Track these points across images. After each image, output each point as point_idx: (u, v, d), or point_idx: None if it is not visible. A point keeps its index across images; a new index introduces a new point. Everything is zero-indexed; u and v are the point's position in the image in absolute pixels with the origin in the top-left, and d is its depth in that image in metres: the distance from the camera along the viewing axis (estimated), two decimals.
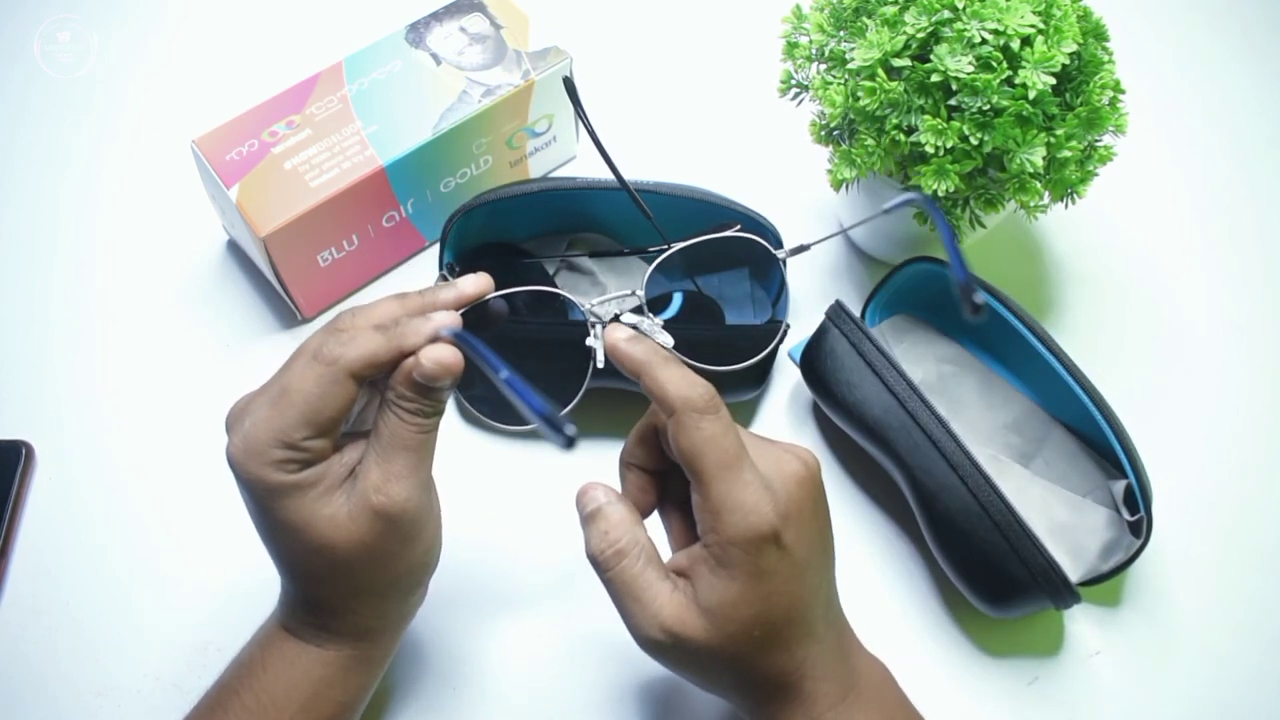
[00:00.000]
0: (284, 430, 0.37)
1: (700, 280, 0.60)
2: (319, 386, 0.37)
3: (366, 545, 0.38)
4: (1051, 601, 0.48)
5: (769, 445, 0.41)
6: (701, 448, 0.38)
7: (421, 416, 0.38)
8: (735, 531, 0.37)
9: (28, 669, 0.51)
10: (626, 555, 0.40)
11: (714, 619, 0.38)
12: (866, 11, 0.52)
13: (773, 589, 0.38)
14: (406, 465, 0.38)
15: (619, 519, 0.40)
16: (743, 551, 0.37)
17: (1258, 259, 0.67)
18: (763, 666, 0.39)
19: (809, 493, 0.39)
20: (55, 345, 0.62)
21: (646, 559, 0.40)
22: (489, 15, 0.64)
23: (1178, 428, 0.59)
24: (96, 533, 0.55)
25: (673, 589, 0.39)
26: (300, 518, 0.38)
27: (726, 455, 0.38)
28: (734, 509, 0.37)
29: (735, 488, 0.37)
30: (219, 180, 0.56)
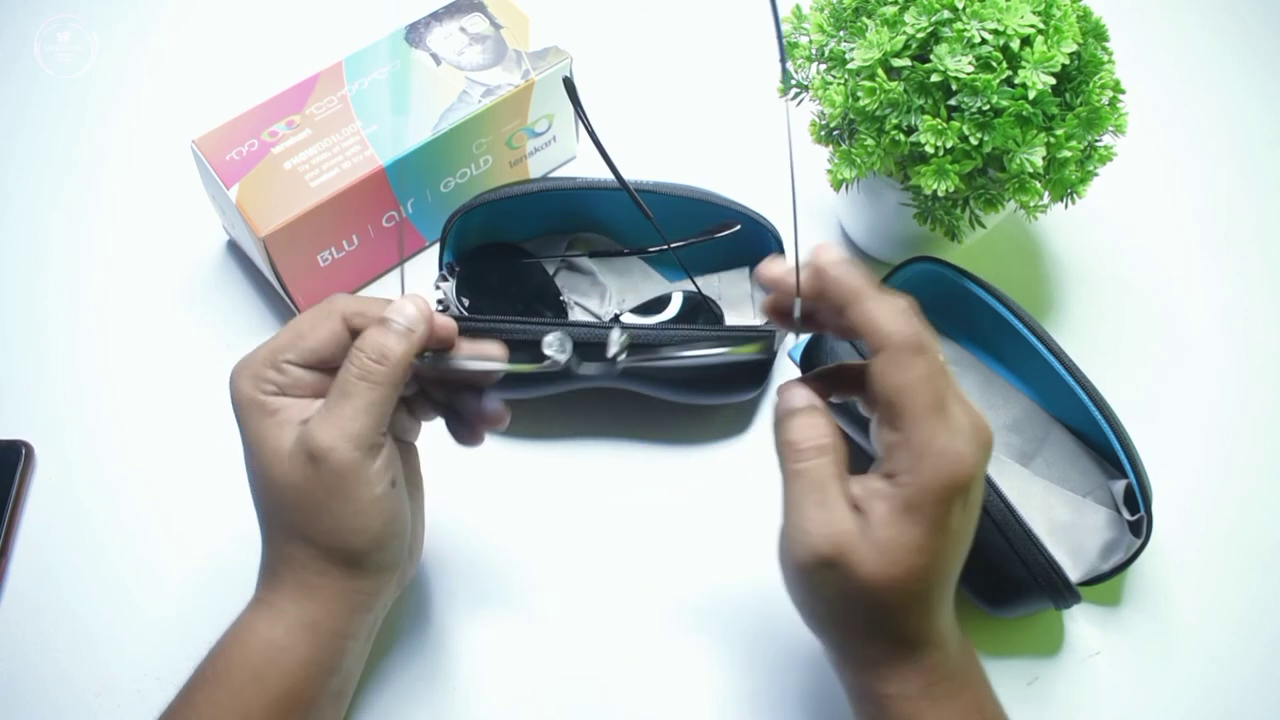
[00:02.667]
0: (273, 351, 0.40)
1: (700, 280, 0.60)
2: (310, 318, 0.41)
3: (293, 483, 0.39)
4: (1052, 601, 0.48)
5: (965, 399, 0.38)
6: (913, 385, 0.36)
7: (371, 361, 0.39)
8: (935, 476, 0.35)
9: (28, 668, 0.51)
10: (828, 453, 0.38)
11: (883, 557, 0.36)
12: (866, 11, 0.52)
13: (946, 545, 0.37)
14: (345, 412, 0.38)
15: (824, 422, 0.39)
16: (936, 499, 0.36)
17: (1258, 259, 0.67)
18: (904, 621, 0.38)
19: (989, 453, 0.38)
20: (55, 345, 0.62)
21: (840, 468, 0.38)
22: (489, 15, 0.64)
23: (1178, 428, 0.59)
24: (96, 533, 0.55)
25: (851, 511, 0.37)
26: (256, 437, 0.40)
27: (937, 397, 0.36)
28: (940, 453, 0.35)
29: (942, 433, 0.36)
30: (219, 180, 0.56)
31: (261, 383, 0.40)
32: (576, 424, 0.58)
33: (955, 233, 0.54)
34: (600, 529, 0.56)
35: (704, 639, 0.52)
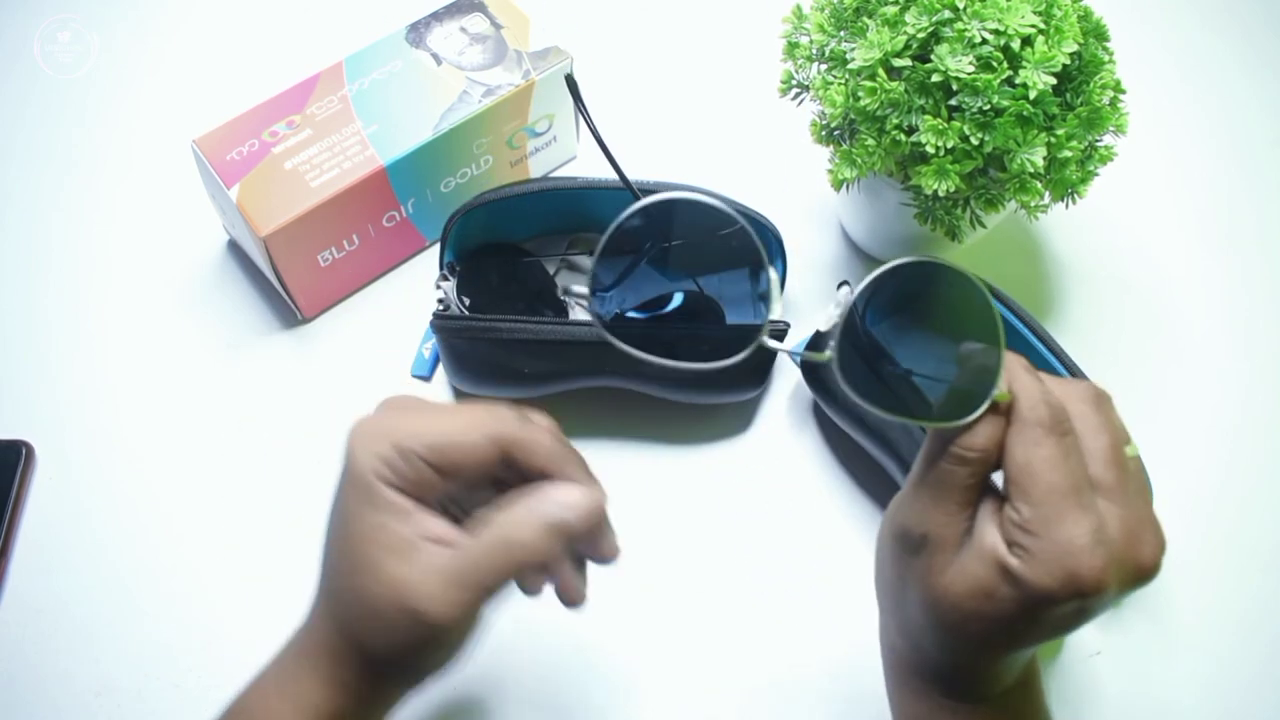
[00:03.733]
0: (407, 436, 0.34)
1: (700, 280, 0.60)
2: (464, 423, 0.35)
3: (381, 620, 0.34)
4: None
5: (1141, 511, 0.34)
6: (1033, 467, 0.33)
7: (517, 566, 0.35)
8: (1043, 571, 0.32)
9: (27, 668, 0.51)
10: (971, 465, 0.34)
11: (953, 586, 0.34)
12: (867, 11, 0.52)
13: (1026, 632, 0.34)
14: (469, 591, 0.34)
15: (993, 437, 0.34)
16: (1036, 592, 0.32)
17: (1258, 259, 0.67)
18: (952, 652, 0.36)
19: (1140, 582, 0.34)
20: (55, 345, 0.62)
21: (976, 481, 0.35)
22: (489, 15, 0.64)
23: (1178, 428, 0.59)
24: (96, 533, 0.55)
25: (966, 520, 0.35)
26: (352, 520, 0.35)
27: (1060, 487, 0.32)
28: (1053, 548, 0.32)
29: (1062, 526, 0.32)
30: (219, 180, 0.56)
31: (382, 465, 0.34)
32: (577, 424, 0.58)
33: (956, 233, 0.54)
34: None
35: (704, 639, 0.52)
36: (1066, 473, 0.33)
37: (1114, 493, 0.33)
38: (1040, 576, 0.32)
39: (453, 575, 0.34)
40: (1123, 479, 0.34)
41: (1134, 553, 0.33)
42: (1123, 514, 0.33)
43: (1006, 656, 0.35)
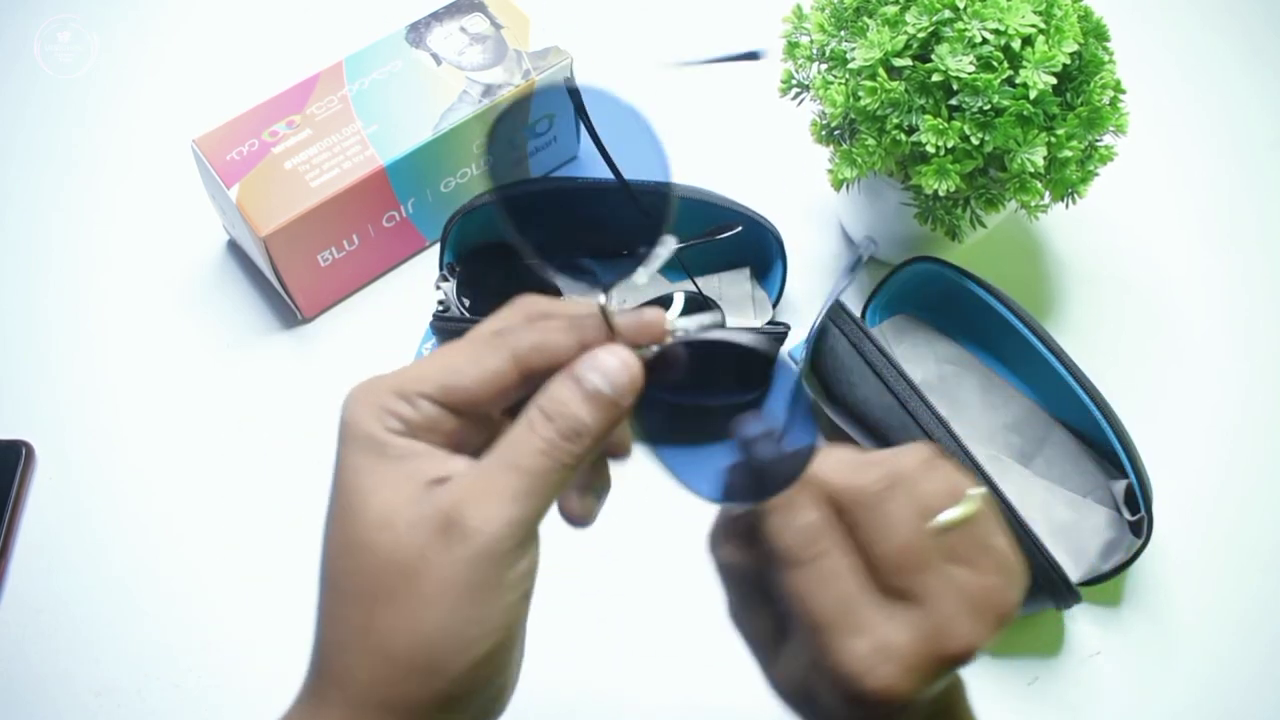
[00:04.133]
0: (409, 380, 0.30)
1: (700, 280, 0.60)
2: (468, 349, 0.31)
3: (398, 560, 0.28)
4: (1052, 601, 0.48)
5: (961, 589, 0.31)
6: (793, 599, 0.31)
7: (560, 438, 0.29)
8: (833, 702, 0.31)
9: (27, 668, 0.51)
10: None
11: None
12: (867, 11, 0.52)
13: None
14: (511, 488, 0.28)
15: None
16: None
17: (1258, 259, 0.67)
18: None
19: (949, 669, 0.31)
20: (55, 345, 0.61)
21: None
22: (489, 15, 0.64)
23: (1178, 428, 0.59)
24: (96, 533, 0.55)
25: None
26: (361, 485, 0.29)
27: (826, 610, 0.30)
28: (834, 677, 0.30)
29: (836, 653, 0.30)
30: (219, 180, 0.56)
31: (386, 416, 0.29)
32: None
33: (956, 232, 0.54)
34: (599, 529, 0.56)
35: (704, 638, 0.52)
36: (827, 599, 0.30)
37: (910, 596, 0.30)
38: (834, 707, 0.31)
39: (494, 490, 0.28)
40: (919, 578, 0.30)
41: (936, 649, 0.30)
42: (920, 617, 0.30)
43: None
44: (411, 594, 0.28)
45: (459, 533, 0.28)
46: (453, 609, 0.28)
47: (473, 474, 0.29)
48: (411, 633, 0.28)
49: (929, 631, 0.30)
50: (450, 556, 0.28)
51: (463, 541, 0.28)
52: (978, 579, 0.31)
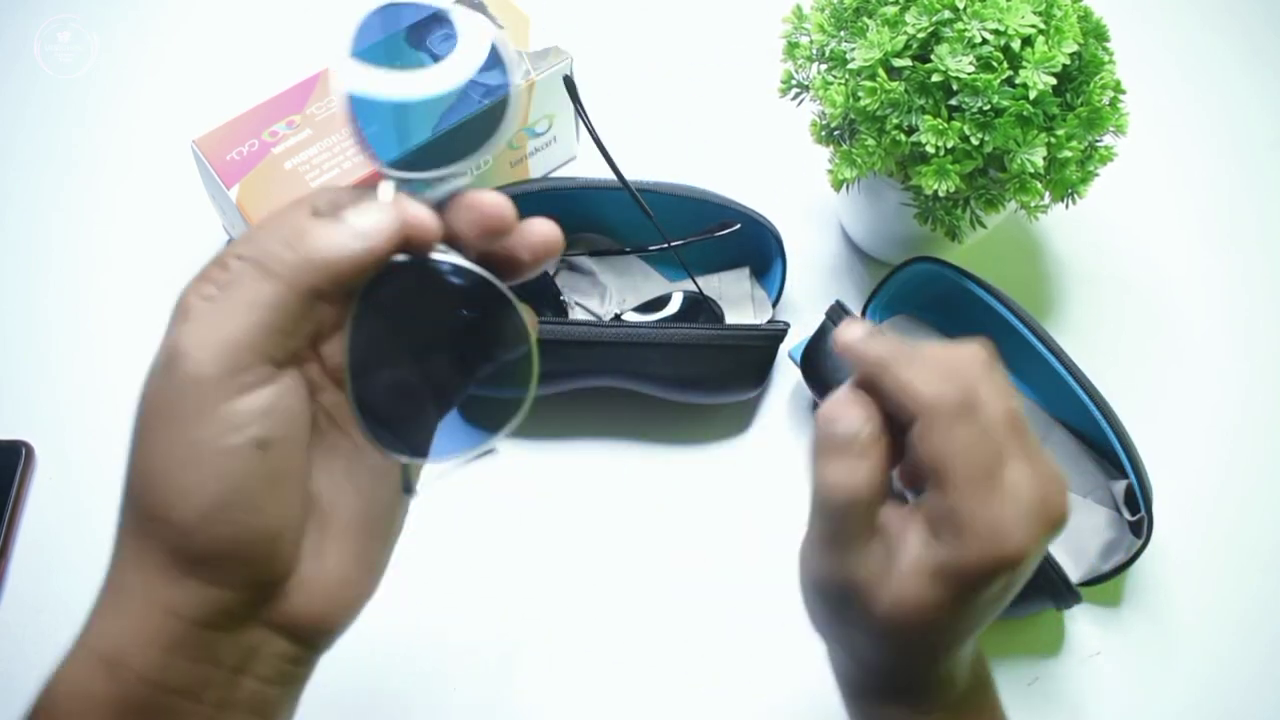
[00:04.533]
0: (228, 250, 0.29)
1: (700, 280, 0.60)
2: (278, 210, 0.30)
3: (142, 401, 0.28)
4: (1053, 602, 0.48)
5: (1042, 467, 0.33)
6: (950, 458, 0.32)
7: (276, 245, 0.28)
8: (978, 554, 0.31)
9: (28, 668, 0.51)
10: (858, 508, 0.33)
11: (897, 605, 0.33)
12: (867, 11, 0.52)
13: (971, 613, 0.33)
14: (223, 309, 0.27)
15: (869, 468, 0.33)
16: (974, 575, 0.32)
17: (1258, 259, 0.67)
18: (913, 662, 0.35)
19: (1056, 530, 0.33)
20: (55, 345, 0.61)
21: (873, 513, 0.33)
22: (489, 15, 0.64)
23: (1178, 428, 0.59)
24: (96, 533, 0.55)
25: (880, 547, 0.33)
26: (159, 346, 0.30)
27: (985, 467, 0.32)
28: (984, 532, 0.31)
29: (991, 508, 0.31)
30: (219, 180, 0.56)
31: (203, 284, 0.28)
32: (576, 424, 0.58)
33: (956, 233, 0.54)
34: (600, 529, 0.56)
35: (704, 638, 0.52)
36: (982, 453, 0.32)
37: (1019, 456, 0.32)
38: (973, 562, 0.31)
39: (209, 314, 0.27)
40: (1024, 440, 0.33)
41: (1047, 509, 0.32)
42: (1030, 474, 0.32)
43: (957, 653, 0.35)
44: (147, 433, 0.27)
45: (176, 359, 0.27)
46: (169, 448, 0.27)
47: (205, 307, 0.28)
48: (142, 475, 0.28)
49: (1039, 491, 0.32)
50: (168, 388, 0.27)
51: (176, 367, 0.27)
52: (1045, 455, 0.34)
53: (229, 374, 0.26)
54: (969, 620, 0.34)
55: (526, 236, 0.30)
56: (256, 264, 0.27)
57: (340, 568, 0.30)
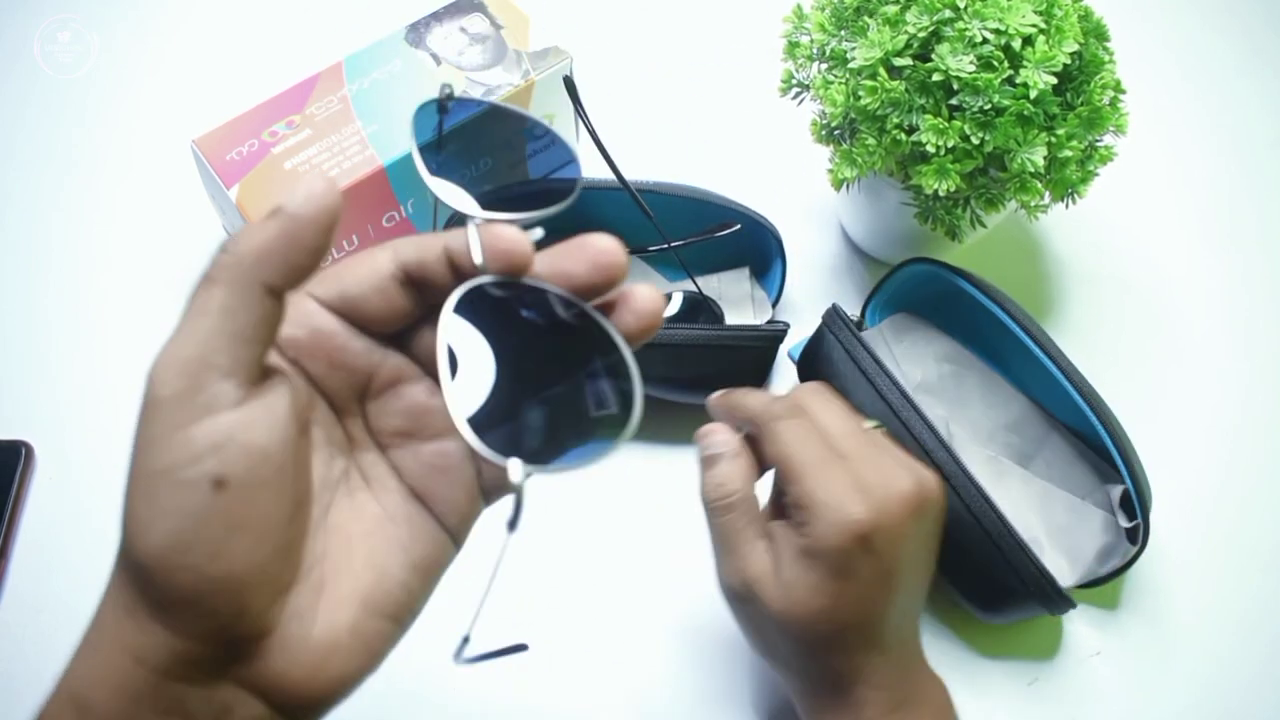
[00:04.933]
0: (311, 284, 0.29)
1: (700, 280, 0.60)
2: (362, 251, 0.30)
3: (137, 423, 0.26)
4: (1045, 608, 0.48)
5: (889, 460, 0.41)
6: (786, 451, 0.40)
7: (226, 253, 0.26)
8: (821, 528, 0.38)
9: (28, 668, 0.51)
10: (734, 509, 0.42)
11: (786, 595, 0.39)
12: (868, 11, 0.52)
13: (848, 590, 0.39)
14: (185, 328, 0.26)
15: (735, 473, 0.42)
16: (830, 549, 0.38)
17: (1258, 259, 0.67)
18: (821, 659, 0.40)
19: (913, 511, 0.40)
20: (55, 345, 0.61)
21: (751, 517, 0.42)
22: (489, 15, 0.64)
23: (1177, 428, 0.59)
24: (96, 533, 0.55)
25: (765, 549, 0.41)
26: None
27: (812, 455, 0.40)
28: (821, 506, 0.38)
29: (823, 484, 0.39)
30: (219, 180, 0.56)
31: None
32: None
33: (956, 232, 0.54)
34: (600, 528, 0.56)
35: (704, 638, 0.52)
36: (813, 443, 0.40)
37: (857, 453, 0.40)
38: (826, 537, 0.38)
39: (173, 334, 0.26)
40: (863, 441, 0.41)
41: (895, 488, 0.39)
42: (871, 464, 0.40)
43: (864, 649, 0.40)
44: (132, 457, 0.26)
45: (147, 384, 0.25)
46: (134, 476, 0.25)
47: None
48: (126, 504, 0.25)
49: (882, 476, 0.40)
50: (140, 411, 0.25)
51: (146, 393, 0.25)
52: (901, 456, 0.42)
53: (187, 393, 0.25)
54: (853, 601, 0.39)
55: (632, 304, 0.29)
56: (204, 277, 0.26)
57: (329, 636, 0.27)
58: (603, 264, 0.28)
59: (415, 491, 0.30)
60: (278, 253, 0.25)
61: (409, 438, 0.30)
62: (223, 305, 0.25)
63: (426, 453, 0.30)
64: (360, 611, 0.28)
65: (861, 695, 0.40)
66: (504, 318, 0.29)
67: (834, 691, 0.40)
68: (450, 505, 0.30)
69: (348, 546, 0.28)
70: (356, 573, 0.28)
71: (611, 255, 0.28)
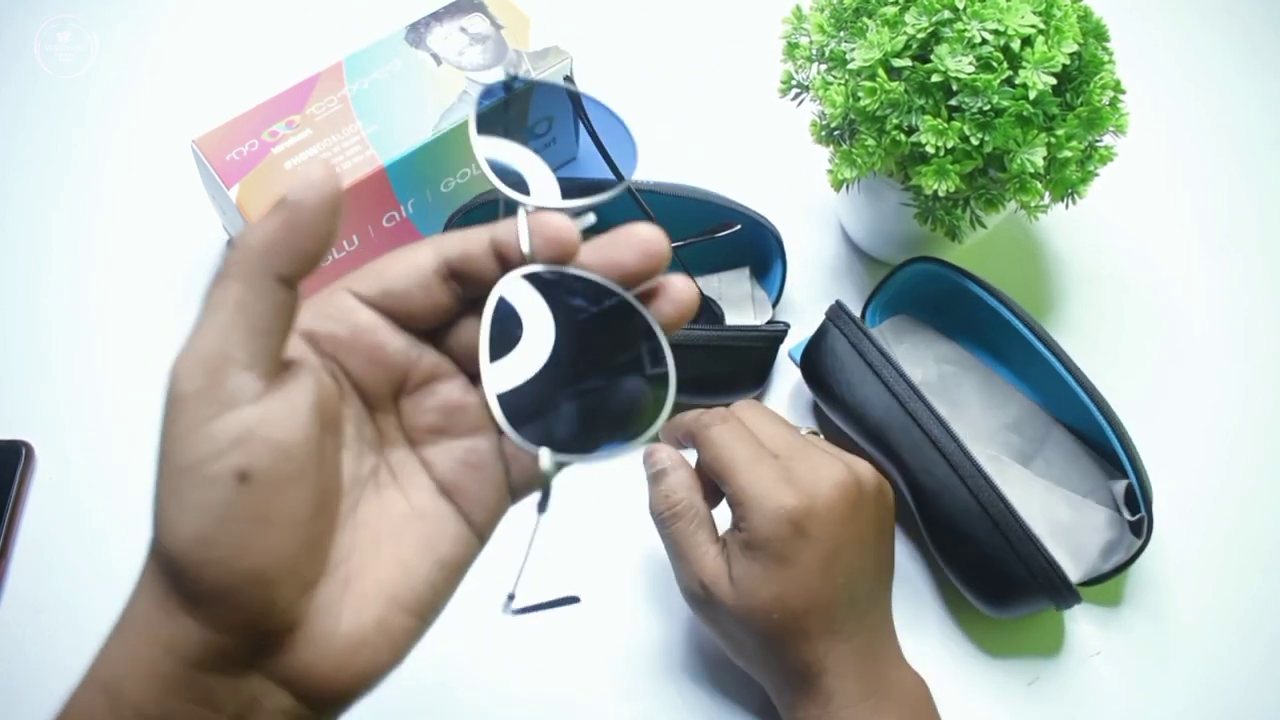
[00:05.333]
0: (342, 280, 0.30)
1: (700, 280, 0.60)
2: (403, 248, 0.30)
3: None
4: (1052, 602, 0.48)
5: (820, 454, 0.44)
6: (716, 452, 0.44)
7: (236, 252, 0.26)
8: (757, 513, 0.42)
9: (28, 668, 0.51)
10: (682, 518, 0.45)
11: (737, 589, 0.42)
12: (867, 12, 0.52)
13: (792, 574, 0.41)
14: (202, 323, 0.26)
15: (679, 483, 0.45)
16: (765, 532, 0.41)
17: (1258, 259, 0.67)
18: (785, 650, 0.42)
19: (848, 495, 0.43)
20: (55, 345, 0.61)
21: (699, 522, 0.45)
22: (489, 15, 0.64)
23: (1178, 427, 0.59)
24: (96, 533, 0.55)
25: (718, 552, 0.44)
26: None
27: (739, 453, 0.43)
28: (753, 495, 0.42)
29: (752, 477, 0.42)
30: (219, 180, 0.56)
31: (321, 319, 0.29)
32: None
33: (956, 233, 0.54)
34: (600, 529, 0.56)
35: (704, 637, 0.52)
36: (744, 444, 0.43)
37: (788, 450, 0.44)
38: (762, 528, 0.41)
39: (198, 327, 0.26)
40: (795, 441, 0.44)
41: (824, 475, 0.43)
42: (801, 458, 0.43)
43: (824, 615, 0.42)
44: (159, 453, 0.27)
45: (169, 381, 0.26)
46: (161, 471, 0.26)
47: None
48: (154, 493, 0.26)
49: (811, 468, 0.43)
50: (165, 408, 0.26)
51: (168, 390, 0.26)
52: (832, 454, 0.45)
53: (209, 389, 0.25)
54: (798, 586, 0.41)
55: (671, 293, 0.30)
56: (217, 275, 0.26)
57: (356, 631, 0.27)
58: (651, 252, 0.29)
59: (444, 488, 0.30)
60: (285, 241, 0.25)
61: (441, 434, 0.30)
62: (237, 299, 0.25)
63: (458, 449, 0.30)
64: (386, 608, 0.28)
65: (830, 685, 0.42)
66: (547, 307, 0.29)
67: (803, 684, 0.43)
68: (478, 502, 0.30)
69: (375, 543, 0.29)
70: (383, 569, 0.28)
71: (658, 244, 0.29)
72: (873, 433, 0.52)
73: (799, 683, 0.43)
